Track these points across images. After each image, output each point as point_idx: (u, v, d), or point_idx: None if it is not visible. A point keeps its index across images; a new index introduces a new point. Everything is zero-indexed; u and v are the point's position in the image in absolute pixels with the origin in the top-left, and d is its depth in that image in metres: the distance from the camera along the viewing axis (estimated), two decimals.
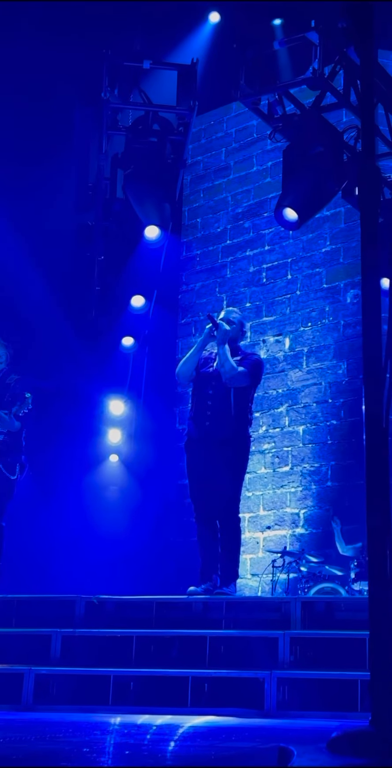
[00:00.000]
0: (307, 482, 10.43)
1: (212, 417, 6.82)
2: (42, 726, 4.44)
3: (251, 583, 10.28)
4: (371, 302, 2.71)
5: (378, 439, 2.59)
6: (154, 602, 6.40)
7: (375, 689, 2.35)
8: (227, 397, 6.82)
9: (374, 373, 2.66)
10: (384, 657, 2.35)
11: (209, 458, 6.81)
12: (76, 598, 6.46)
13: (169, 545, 10.91)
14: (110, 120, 8.21)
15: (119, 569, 9.56)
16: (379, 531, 2.47)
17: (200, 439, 6.86)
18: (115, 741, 3.70)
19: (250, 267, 11.48)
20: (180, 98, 8.04)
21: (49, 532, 9.56)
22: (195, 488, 6.95)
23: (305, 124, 7.84)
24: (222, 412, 6.81)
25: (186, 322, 11.88)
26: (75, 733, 3.98)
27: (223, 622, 6.21)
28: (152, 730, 4.25)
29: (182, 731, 4.19)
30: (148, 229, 8.11)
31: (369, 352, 2.68)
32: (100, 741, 3.63)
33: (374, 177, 2.57)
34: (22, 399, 7.11)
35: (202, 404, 6.90)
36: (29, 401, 7.10)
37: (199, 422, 6.88)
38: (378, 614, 2.37)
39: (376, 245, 2.69)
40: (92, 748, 3.27)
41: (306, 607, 6.04)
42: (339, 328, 10.54)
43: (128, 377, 10.36)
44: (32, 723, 4.68)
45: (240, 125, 11.89)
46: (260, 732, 4.23)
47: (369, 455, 2.51)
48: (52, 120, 9.30)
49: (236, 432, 6.84)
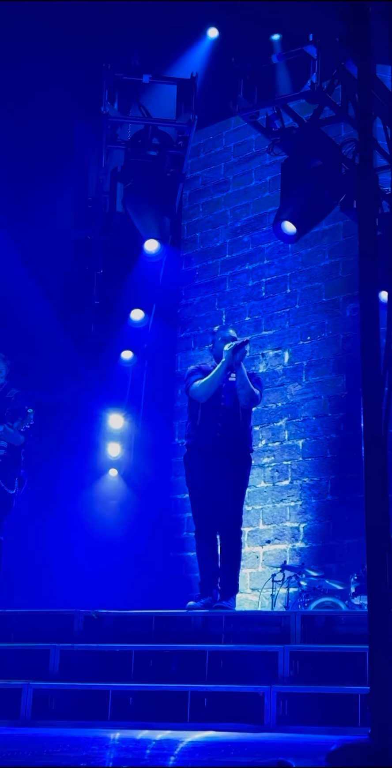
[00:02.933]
0: (307, 496, 10.41)
1: (223, 429, 6.82)
2: (40, 741, 4.42)
3: (250, 597, 10.24)
4: (369, 314, 2.70)
5: (377, 451, 2.58)
6: (153, 617, 6.38)
7: (374, 702, 2.33)
8: (236, 411, 6.85)
9: (372, 386, 2.65)
10: (384, 670, 2.34)
11: (216, 470, 6.79)
12: (74, 612, 6.44)
13: (167, 560, 10.88)
14: (110, 134, 8.22)
15: (118, 584, 9.54)
16: (379, 544, 2.46)
17: (208, 450, 6.83)
18: (113, 756, 3.68)
19: (249, 281, 11.49)
20: (179, 112, 8.06)
21: (48, 546, 9.55)
22: (198, 500, 6.91)
23: (303, 137, 7.86)
24: (233, 424, 6.83)
25: (185, 336, 11.89)
26: (73, 748, 3.96)
27: (222, 637, 6.19)
28: (150, 746, 4.22)
29: (181, 746, 4.17)
30: (147, 242, 8.11)
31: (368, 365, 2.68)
32: (98, 756, 3.61)
33: (371, 189, 2.57)
34: (24, 414, 7.13)
35: (213, 416, 6.86)
36: (31, 417, 7.11)
37: (209, 433, 6.84)
38: (377, 627, 2.36)
39: (375, 257, 2.69)
40: (90, 764, 3.25)
41: (305, 621, 6.02)
42: (339, 341, 10.54)
43: (128, 391, 10.36)
44: (30, 738, 4.65)
45: (239, 140, 11.92)
46: (260, 747, 4.20)
47: (368, 468, 2.50)
48: (52, 134, 9.33)
49: (243, 446, 6.89)
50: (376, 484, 2.47)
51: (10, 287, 9.43)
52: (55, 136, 9.30)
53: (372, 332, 2.72)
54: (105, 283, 9.05)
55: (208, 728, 5.17)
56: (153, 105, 8.15)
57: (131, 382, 10.30)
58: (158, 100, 8.19)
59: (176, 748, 4.08)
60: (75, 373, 9.65)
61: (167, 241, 8.18)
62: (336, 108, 7.76)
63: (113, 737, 4.65)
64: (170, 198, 8.23)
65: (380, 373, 2.68)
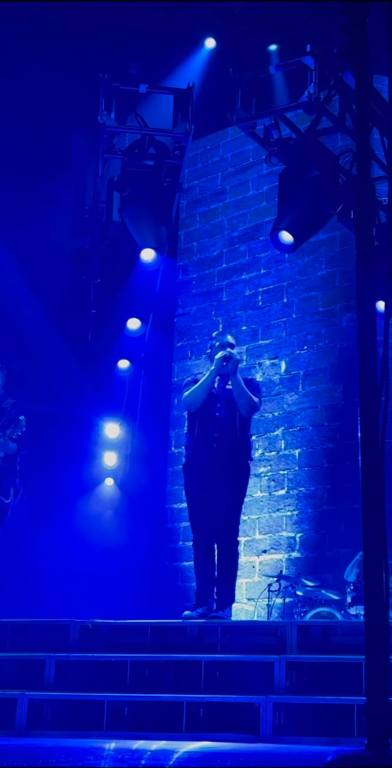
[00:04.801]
0: (303, 506, 10.40)
1: (219, 439, 6.79)
2: (34, 751, 4.40)
3: (247, 607, 10.22)
4: (366, 324, 2.70)
5: (374, 461, 2.58)
6: (149, 626, 6.36)
7: (371, 713, 2.33)
8: (234, 420, 6.82)
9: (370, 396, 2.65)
10: (381, 681, 2.33)
11: (213, 480, 6.77)
12: (70, 622, 6.42)
13: (163, 569, 10.86)
14: (107, 143, 8.23)
15: (113, 593, 9.51)
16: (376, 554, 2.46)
17: (205, 460, 6.82)
18: (108, 766, 3.66)
19: (246, 290, 11.50)
20: (176, 122, 8.08)
21: (43, 556, 9.53)
22: (195, 510, 6.89)
23: (301, 147, 7.88)
24: (229, 434, 6.80)
25: (182, 345, 11.88)
26: (67, 758, 3.94)
27: (218, 647, 6.17)
28: (145, 756, 4.20)
29: (176, 757, 4.15)
30: (144, 251, 8.11)
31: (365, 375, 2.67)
32: (93, 766, 3.59)
33: (369, 198, 2.57)
34: (16, 421, 7.13)
35: (209, 426, 6.85)
36: (23, 423, 7.12)
37: (206, 443, 6.82)
38: (374, 638, 2.35)
39: (372, 267, 2.69)
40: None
41: (301, 631, 6.00)
42: (335, 351, 10.55)
43: (124, 400, 10.36)
44: (25, 748, 4.63)
45: (236, 150, 11.94)
46: (255, 757, 4.19)
47: (365, 477, 2.49)
48: (49, 144, 9.34)
49: (241, 455, 6.85)
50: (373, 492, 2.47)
51: (7, 296, 9.43)
52: (53, 145, 9.31)
53: (370, 342, 2.72)
54: (102, 292, 9.04)
55: (204, 738, 5.15)
56: (150, 115, 8.17)
57: (127, 391, 10.30)
58: (155, 110, 8.22)
59: (172, 759, 4.06)
60: (72, 382, 9.65)
61: (164, 251, 8.19)
62: (333, 118, 7.78)
63: (109, 747, 4.63)
64: (166, 207, 8.24)
65: (377, 383, 2.67)
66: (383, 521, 2.44)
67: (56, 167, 9.31)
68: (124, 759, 4.06)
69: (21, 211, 9.46)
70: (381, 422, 2.58)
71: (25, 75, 8.93)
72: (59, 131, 9.07)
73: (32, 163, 9.46)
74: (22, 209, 9.47)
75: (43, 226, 9.51)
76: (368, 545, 2.43)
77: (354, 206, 2.55)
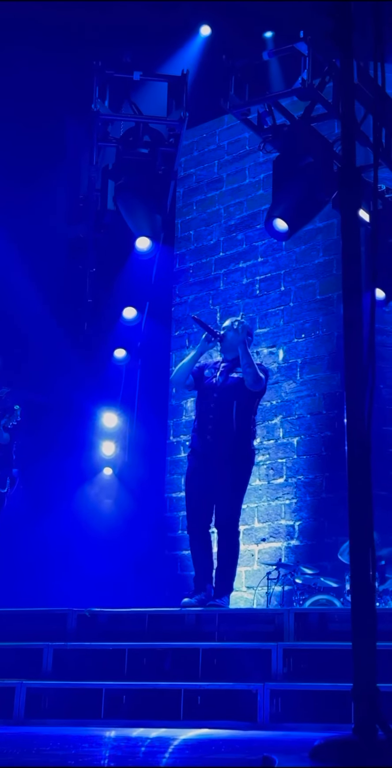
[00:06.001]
0: (302, 494, 10.40)
1: (213, 431, 6.77)
2: (30, 739, 4.41)
3: (246, 595, 10.23)
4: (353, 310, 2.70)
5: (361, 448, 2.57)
6: (146, 615, 6.37)
7: (358, 697, 2.33)
8: (230, 410, 6.76)
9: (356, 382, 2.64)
10: (367, 665, 2.34)
11: (210, 471, 6.76)
12: (68, 611, 6.43)
13: (162, 558, 10.87)
14: (101, 132, 8.20)
15: (111, 582, 9.52)
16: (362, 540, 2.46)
17: (201, 452, 6.82)
18: (103, 754, 3.67)
19: (243, 279, 11.48)
20: (170, 109, 8.05)
21: (41, 545, 9.53)
22: (192, 498, 6.89)
23: (295, 134, 7.85)
24: (224, 425, 6.75)
25: (179, 334, 11.87)
26: (63, 746, 3.95)
27: (216, 635, 6.18)
28: (143, 743, 4.22)
29: (173, 744, 4.16)
30: (139, 240, 8.09)
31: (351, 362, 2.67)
32: (87, 754, 3.60)
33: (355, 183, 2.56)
34: (10, 411, 7.13)
35: (204, 417, 6.84)
36: (18, 413, 7.11)
37: (201, 435, 6.83)
38: (361, 623, 2.35)
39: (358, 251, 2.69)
40: (78, 761, 3.24)
41: (299, 618, 6.01)
42: (333, 339, 10.53)
43: (121, 389, 10.35)
44: (21, 737, 4.65)
45: (233, 138, 11.91)
46: (251, 744, 4.20)
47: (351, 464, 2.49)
48: (43, 132, 9.31)
49: (238, 446, 6.77)
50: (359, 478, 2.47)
51: (2, 285, 9.41)
52: (47, 133, 9.28)
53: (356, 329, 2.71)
54: (98, 281, 9.04)
55: (201, 726, 5.16)
56: (144, 102, 8.15)
57: (124, 381, 10.29)
58: (149, 98, 8.19)
59: (169, 746, 4.07)
60: (68, 371, 9.63)
61: (159, 239, 8.17)
62: (327, 105, 7.76)
63: (106, 735, 4.64)
64: (161, 195, 8.22)
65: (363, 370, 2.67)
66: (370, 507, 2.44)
67: (50, 156, 9.28)
68: (120, 746, 4.07)
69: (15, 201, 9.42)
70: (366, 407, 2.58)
71: (18, 63, 8.90)
72: (53, 120, 9.05)
73: (26, 152, 9.42)
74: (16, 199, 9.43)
75: (38, 216, 9.48)
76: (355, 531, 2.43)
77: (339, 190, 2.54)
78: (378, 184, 7.57)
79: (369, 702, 2.30)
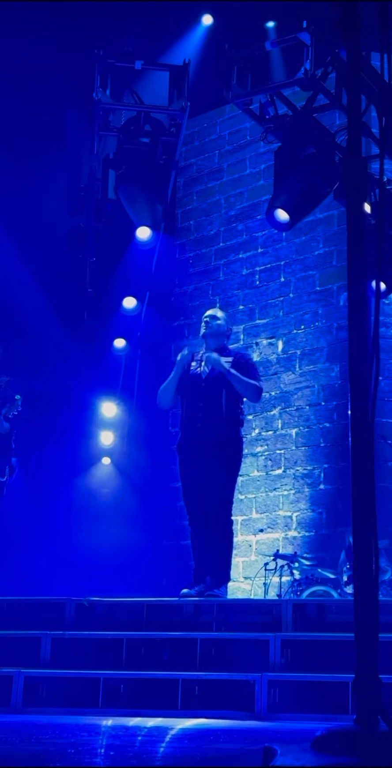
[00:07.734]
0: (300, 485, 10.41)
1: (203, 419, 6.76)
2: (29, 728, 4.41)
3: (243, 586, 10.25)
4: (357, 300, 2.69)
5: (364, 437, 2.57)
6: (144, 604, 6.37)
7: (360, 688, 2.33)
8: (219, 399, 6.75)
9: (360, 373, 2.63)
10: (369, 656, 2.34)
11: (201, 461, 6.76)
12: (66, 600, 6.43)
13: (161, 548, 10.88)
14: (102, 121, 8.17)
15: (110, 572, 9.53)
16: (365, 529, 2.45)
17: (191, 442, 6.82)
18: (101, 743, 3.67)
19: (243, 269, 11.47)
20: (172, 99, 8.01)
21: (40, 534, 9.54)
22: (187, 491, 6.92)
23: (296, 125, 7.83)
24: (214, 414, 6.75)
25: (179, 324, 11.86)
26: (62, 734, 3.96)
27: (214, 625, 6.18)
28: (140, 733, 4.22)
29: (171, 734, 4.16)
30: (139, 230, 8.07)
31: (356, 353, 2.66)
32: (86, 743, 3.60)
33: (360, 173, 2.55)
34: (11, 401, 7.12)
35: (193, 407, 6.83)
36: (19, 403, 7.10)
37: (190, 425, 6.83)
38: (363, 612, 2.35)
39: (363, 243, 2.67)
40: (77, 750, 3.25)
41: (297, 609, 6.01)
42: (332, 330, 10.53)
43: (121, 379, 10.35)
44: (19, 725, 4.65)
45: (234, 128, 11.89)
46: (249, 734, 4.21)
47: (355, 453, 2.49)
48: (44, 121, 9.29)
49: (228, 434, 6.77)
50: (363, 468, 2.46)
51: (3, 275, 9.40)
52: (47, 123, 9.26)
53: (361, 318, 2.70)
54: (98, 271, 9.02)
55: (199, 716, 5.17)
56: (146, 92, 8.12)
57: (124, 370, 10.28)
58: (150, 87, 8.16)
59: (166, 736, 4.08)
60: (68, 360, 9.63)
61: (160, 229, 8.14)
62: (329, 95, 7.73)
63: (104, 724, 4.65)
64: (162, 185, 8.19)
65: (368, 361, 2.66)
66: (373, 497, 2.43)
67: (51, 145, 9.26)
68: (118, 735, 4.07)
69: (16, 191, 9.40)
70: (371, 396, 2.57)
71: (20, 52, 8.87)
72: (54, 109, 9.02)
73: (27, 141, 9.40)
74: (17, 188, 9.42)
75: (39, 205, 9.46)
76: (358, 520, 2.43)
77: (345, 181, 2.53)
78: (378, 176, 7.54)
79: (371, 693, 2.31)
